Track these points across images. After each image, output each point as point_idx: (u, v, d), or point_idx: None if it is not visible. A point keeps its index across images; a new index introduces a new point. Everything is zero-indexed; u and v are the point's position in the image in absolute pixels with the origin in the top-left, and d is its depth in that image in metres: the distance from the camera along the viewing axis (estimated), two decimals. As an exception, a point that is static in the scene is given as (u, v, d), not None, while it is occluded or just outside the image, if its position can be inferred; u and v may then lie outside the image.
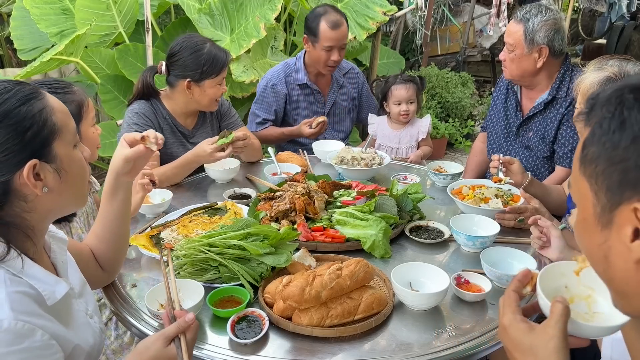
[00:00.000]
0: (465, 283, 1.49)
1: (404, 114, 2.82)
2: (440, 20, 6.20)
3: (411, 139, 2.90)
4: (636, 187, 0.66)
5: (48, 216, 1.06)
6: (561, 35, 2.19)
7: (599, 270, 0.77)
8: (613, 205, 0.69)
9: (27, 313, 0.94)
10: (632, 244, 0.68)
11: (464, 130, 5.08)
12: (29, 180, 0.96)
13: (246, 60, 3.61)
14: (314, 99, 2.97)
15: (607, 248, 0.72)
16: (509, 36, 2.28)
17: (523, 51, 2.22)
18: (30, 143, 0.97)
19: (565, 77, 2.26)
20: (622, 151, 0.67)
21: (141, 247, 1.66)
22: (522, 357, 0.84)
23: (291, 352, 1.27)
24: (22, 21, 3.83)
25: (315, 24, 2.71)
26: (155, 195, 2.04)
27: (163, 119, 2.36)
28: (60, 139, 1.02)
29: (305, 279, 1.33)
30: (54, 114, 1.01)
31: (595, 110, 0.72)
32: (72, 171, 1.05)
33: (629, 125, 0.66)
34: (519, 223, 1.85)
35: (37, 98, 1.00)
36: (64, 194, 1.04)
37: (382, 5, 4.01)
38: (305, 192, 1.88)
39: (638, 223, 0.67)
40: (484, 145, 2.74)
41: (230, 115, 2.60)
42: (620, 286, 0.74)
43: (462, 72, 5.44)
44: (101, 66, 3.63)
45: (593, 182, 0.71)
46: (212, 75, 2.29)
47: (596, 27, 7.98)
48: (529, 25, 2.18)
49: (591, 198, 0.72)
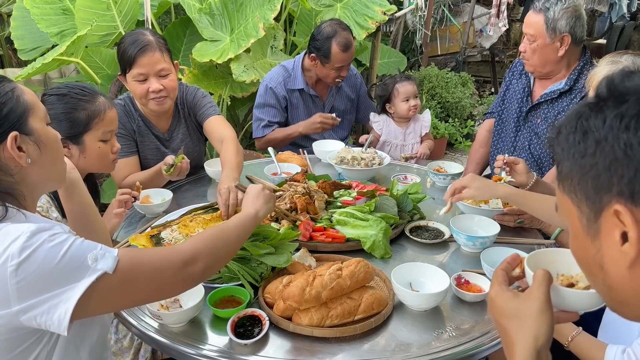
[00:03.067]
0: (465, 283, 1.50)
1: (414, 109, 2.87)
2: (440, 20, 6.20)
3: (415, 135, 2.95)
4: (611, 189, 0.67)
5: (34, 190, 1.11)
6: (582, 22, 2.19)
7: (599, 283, 0.77)
8: (596, 214, 0.70)
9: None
10: (623, 247, 0.68)
11: (464, 130, 5.08)
12: (13, 151, 1.02)
13: (246, 60, 3.61)
14: (312, 104, 2.97)
15: (600, 257, 0.73)
16: (529, 27, 2.25)
17: (545, 40, 2.20)
18: (7, 117, 1.03)
19: (584, 70, 2.25)
20: (590, 158, 0.68)
21: (141, 247, 1.65)
22: (507, 323, 0.85)
23: (291, 352, 1.27)
24: (23, 21, 3.83)
25: (326, 47, 2.69)
26: (155, 195, 2.04)
27: (135, 121, 2.25)
28: (34, 115, 1.08)
29: (305, 279, 1.33)
30: (24, 94, 1.07)
31: (561, 131, 0.75)
32: (49, 144, 1.11)
33: (590, 132, 0.68)
34: (519, 224, 1.86)
35: (6, 81, 1.07)
36: (45, 166, 1.10)
37: (382, 5, 4.00)
38: (305, 192, 1.88)
39: (623, 226, 0.67)
40: (490, 134, 2.70)
41: (200, 106, 2.34)
42: (619, 294, 0.74)
43: (462, 72, 5.44)
44: (101, 66, 3.63)
45: (573, 196, 0.73)
46: (127, 70, 2.12)
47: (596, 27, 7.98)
48: (550, 14, 2.17)
49: (576, 213, 0.74)
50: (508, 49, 7.54)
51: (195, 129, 2.42)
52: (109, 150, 1.77)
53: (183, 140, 2.38)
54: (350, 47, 2.74)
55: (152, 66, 2.08)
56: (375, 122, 2.98)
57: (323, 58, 2.73)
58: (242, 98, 3.84)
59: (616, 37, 6.76)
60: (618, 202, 0.67)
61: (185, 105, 2.37)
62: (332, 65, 2.74)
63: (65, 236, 0.96)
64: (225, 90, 3.67)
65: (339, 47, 2.69)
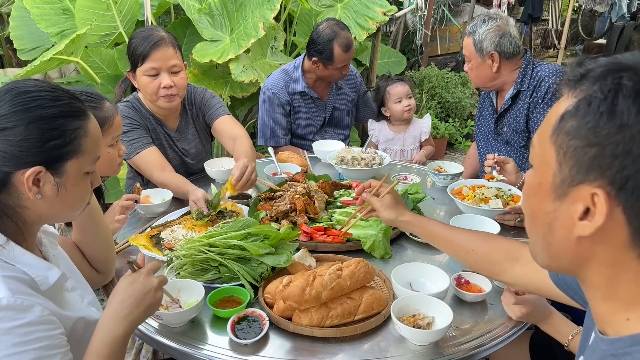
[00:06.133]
0: (465, 283, 1.49)
1: (407, 109, 2.86)
2: (440, 20, 6.20)
3: (415, 140, 2.94)
4: (603, 174, 0.66)
5: (38, 221, 1.07)
6: (508, 39, 2.30)
7: (537, 233, 0.79)
8: (574, 182, 0.70)
9: (24, 293, 0.95)
10: (580, 221, 0.70)
11: (463, 130, 5.08)
12: (26, 182, 0.97)
13: (246, 60, 3.61)
14: (314, 105, 2.97)
15: (553, 217, 0.74)
16: (465, 49, 2.41)
17: (477, 60, 2.35)
18: (48, 152, 0.98)
19: (527, 70, 2.34)
20: (604, 136, 0.66)
21: (141, 247, 1.66)
22: None
23: (291, 352, 1.27)
24: (22, 21, 3.83)
25: (328, 49, 2.69)
26: (155, 195, 2.04)
27: (147, 119, 2.27)
28: (78, 161, 1.03)
29: (305, 279, 1.33)
30: (85, 137, 1.03)
31: (585, 83, 0.70)
32: (72, 192, 1.05)
33: (619, 112, 0.65)
34: (520, 223, 1.86)
35: (80, 118, 1.03)
36: (56, 207, 1.04)
37: (382, 5, 4.00)
38: (305, 192, 1.88)
39: (591, 205, 0.68)
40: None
41: (210, 106, 2.37)
42: (555, 251, 0.77)
43: (462, 72, 5.44)
44: (101, 66, 3.63)
45: (561, 153, 0.71)
46: (138, 64, 2.12)
47: (596, 27, 7.98)
48: (476, 36, 2.33)
49: (553, 167, 0.72)
50: (508, 49, 7.52)
51: (203, 129, 2.44)
52: (116, 154, 1.78)
53: (193, 139, 2.40)
54: (352, 46, 2.75)
55: (165, 61, 2.09)
56: (372, 129, 2.98)
57: (326, 61, 2.73)
58: (242, 98, 3.84)
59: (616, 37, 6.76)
60: (601, 187, 0.67)
61: (193, 105, 2.38)
62: (336, 66, 2.74)
63: (30, 337, 0.90)
64: (225, 90, 3.67)
65: (341, 48, 2.69)
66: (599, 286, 0.75)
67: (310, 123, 2.98)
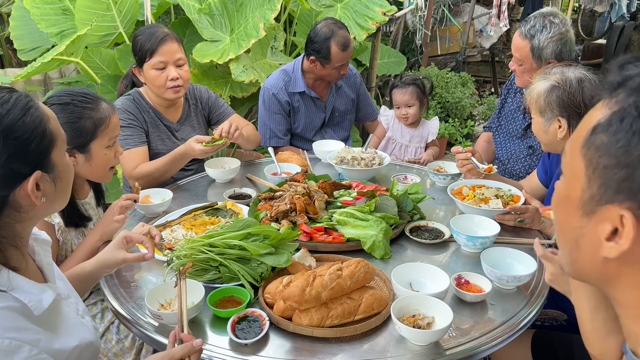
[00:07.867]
0: (465, 283, 1.50)
1: (404, 118, 2.87)
2: (440, 20, 6.19)
3: (421, 140, 2.96)
4: (633, 197, 0.64)
5: (36, 223, 1.05)
6: (569, 46, 2.21)
7: (565, 245, 0.77)
8: (602, 200, 0.67)
9: (13, 329, 0.92)
10: (607, 242, 0.67)
11: (463, 130, 5.08)
12: (32, 193, 0.94)
13: (246, 60, 3.61)
14: (314, 105, 2.97)
15: (580, 234, 0.72)
16: (516, 51, 2.29)
17: (532, 65, 2.25)
18: (33, 155, 0.95)
19: None
20: (635, 158, 0.63)
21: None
22: None
23: (291, 352, 1.27)
24: (22, 21, 3.83)
25: (325, 48, 2.68)
26: (155, 195, 2.04)
27: (146, 112, 2.35)
28: (57, 147, 1.00)
29: (305, 279, 1.33)
30: (49, 122, 0.99)
31: (622, 92, 0.66)
32: (64, 178, 1.04)
33: None
34: (520, 223, 1.86)
35: (34, 107, 0.96)
36: (56, 200, 1.03)
37: (382, 5, 4.00)
38: (305, 192, 1.88)
39: (620, 226, 0.65)
40: (489, 145, 2.76)
41: (219, 106, 2.57)
42: (581, 268, 0.75)
43: (462, 72, 5.44)
44: (101, 66, 3.63)
45: (591, 168, 0.68)
46: (146, 59, 2.24)
47: (596, 27, 7.97)
48: (535, 42, 2.19)
49: (582, 182, 0.70)
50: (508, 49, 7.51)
51: (202, 124, 2.55)
52: (112, 156, 1.77)
53: (192, 132, 2.46)
54: (349, 45, 2.74)
55: (171, 55, 2.24)
56: (385, 116, 2.99)
57: (323, 60, 2.73)
58: (242, 98, 3.84)
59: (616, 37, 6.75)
60: (630, 210, 0.64)
61: (198, 101, 2.52)
62: (333, 65, 2.74)
63: None
64: (225, 90, 3.67)
65: (338, 47, 2.69)
66: (630, 306, 0.73)
67: (310, 123, 2.98)
